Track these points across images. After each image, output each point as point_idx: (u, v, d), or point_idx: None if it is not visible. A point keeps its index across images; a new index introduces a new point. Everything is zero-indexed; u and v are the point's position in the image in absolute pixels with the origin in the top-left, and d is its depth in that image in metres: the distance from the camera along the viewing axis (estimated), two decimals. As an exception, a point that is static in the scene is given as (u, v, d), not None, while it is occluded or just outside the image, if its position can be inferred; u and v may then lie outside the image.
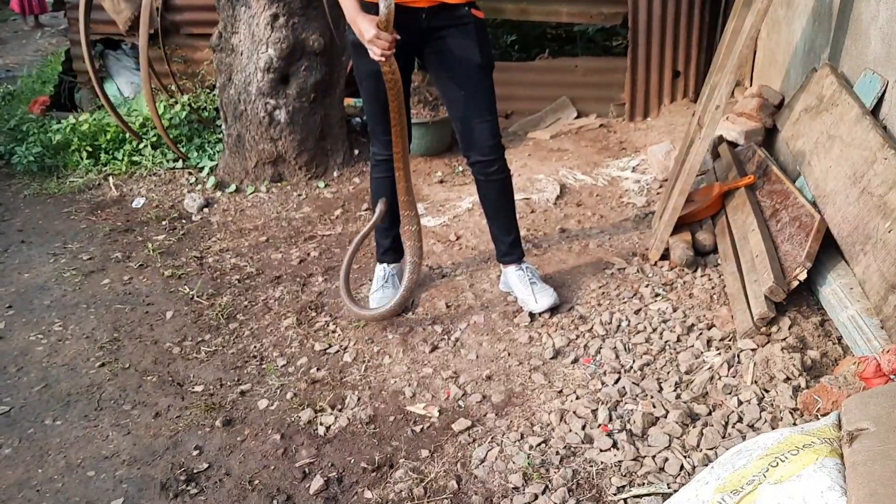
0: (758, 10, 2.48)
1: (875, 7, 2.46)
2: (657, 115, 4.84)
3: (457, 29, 2.37)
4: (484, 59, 2.41)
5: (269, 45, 3.77)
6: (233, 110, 3.94)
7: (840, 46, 2.74)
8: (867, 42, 2.51)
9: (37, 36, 9.51)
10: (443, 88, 2.51)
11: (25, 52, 8.57)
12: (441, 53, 2.40)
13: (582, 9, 4.81)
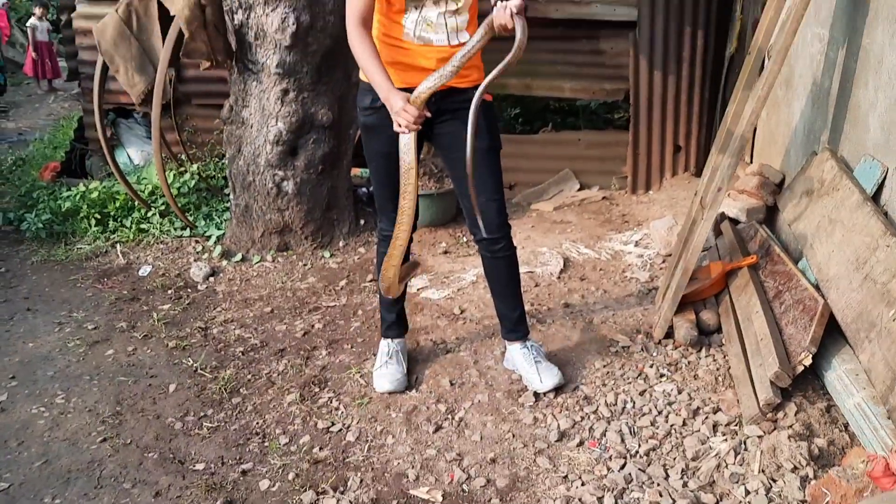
0: (758, 96, 2.55)
1: (873, 95, 2.52)
2: (659, 188, 4.90)
3: (465, 111, 2.42)
4: (491, 140, 2.46)
5: (278, 118, 3.85)
6: (241, 181, 4.00)
7: (839, 131, 2.80)
8: (866, 128, 2.57)
9: (50, 100, 9.71)
10: (451, 167, 2.56)
11: (38, 116, 8.74)
12: (450, 135, 2.45)
13: (584, 84, 4.92)
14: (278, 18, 3.67)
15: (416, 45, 2.35)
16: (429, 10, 2.32)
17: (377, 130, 2.45)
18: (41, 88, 10.22)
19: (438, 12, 2.32)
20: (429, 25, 2.32)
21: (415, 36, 2.34)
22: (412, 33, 2.34)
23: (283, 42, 3.70)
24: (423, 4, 2.31)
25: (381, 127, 2.42)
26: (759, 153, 3.98)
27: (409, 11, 2.32)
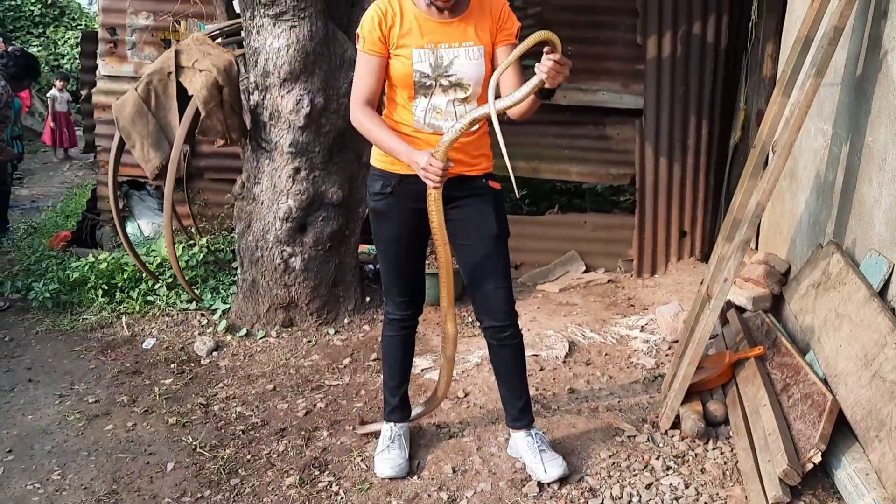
0: (763, 189, 2.58)
1: (878, 191, 2.56)
2: (665, 272, 4.92)
3: (474, 199, 2.47)
4: (500, 228, 2.49)
5: (289, 196, 3.90)
6: (249, 256, 4.03)
7: (844, 224, 2.82)
8: (871, 223, 2.59)
9: (64, 168, 9.88)
10: (459, 253, 2.58)
11: (52, 184, 8.88)
12: (459, 221, 2.48)
13: (591, 169, 5.00)
14: (293, 100, 3.76)
15: (425, 133, 2.40)
16: (438, 98, 2.37)
17: (386, 215, 2.49)
18: (57, 157, 10.41)
19: (448, 100, 2.38)
20: (438, 113, 2.38)
21: (425, 123, 2.39)
22: (422, 121, 2.40)
23: (296, 123, 3.79)
24: (433, 93, 2.37)
25: (391, 212, 2.46)
26: (765, 241, 4.01)
27: (419, 99, 2.38)
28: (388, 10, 2.33)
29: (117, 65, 4.94)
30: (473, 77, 2.35)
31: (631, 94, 4.86)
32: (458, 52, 2.34)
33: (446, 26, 2.34)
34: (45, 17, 14.61)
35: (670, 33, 4.66)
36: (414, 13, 2.34)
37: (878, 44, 2.60)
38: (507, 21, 2.39)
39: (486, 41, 2.37)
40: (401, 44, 2.33)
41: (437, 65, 2.34)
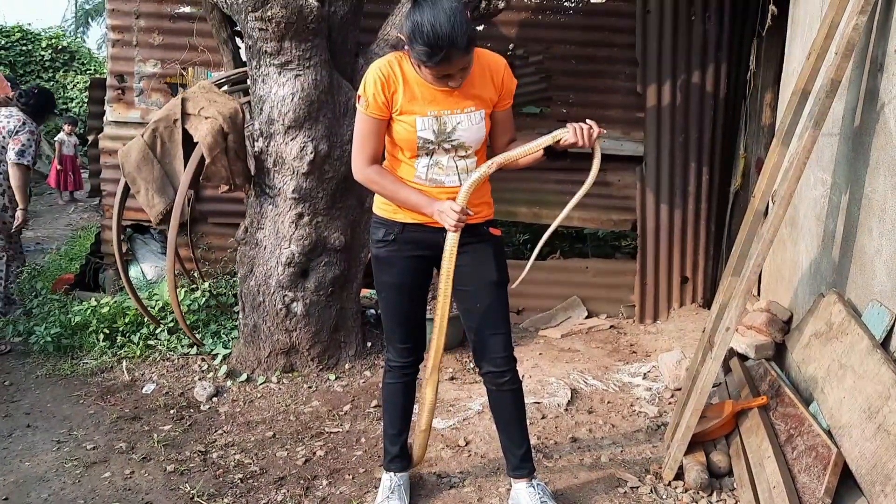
0: (763, 239, 2.59)
1: (878, 241, 2.56)
2: (667, 318, 4.91)
3: (475, 246, 2.48)
4: (499, 275, 2.50)
5: (292, 241, 3.92)
6: (251, 301, 4.04)
7: (845, 274, 2.82)
8: (872, 273, 2.59)
9: (70, 210, 9.95)
10: (459, 299, 2.58)
11: (57, 226, 8.93)
12: (459, 267, 2.48)
13: (593, 215, 5.03)
14: (297, 147, 3.81)
15: (426, 186, 2.42)
16: (440, 156, 2.40)
17: (388, 263, 2.50)
18: (62, 199, 10.49)
19: (449, 157, 2.41)
20: (440, 169, 2.40)
21: (426, 178, 2.42)
22: (424, 176, 2.42)
23: (300, 169, 3.83)
24: (435, 151, 2.40)
25: (393, 260, 2.47)
26: (767, 288, 4.01)
27: (421, 157, 2.41)
28: (390, 74, 2.31)
29: (124, 111, 5.00)
30: (475, 140, 2.39)
31: (631, 141, 4.91)
32: (461, 118, 2.36)
33: (448, 93, 2.34)
34: (55, 61, 14.86)
35: (670, 82, 4.73)
36: (415, 80, 2.32)
37: (874, 97, 2.63)
38: (508, 85, 2.43)
39: (487, 104, 2.40)
40: (404, 110, 2.34)
41: (441, 131, 2.36)
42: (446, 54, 2.13)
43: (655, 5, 4.67)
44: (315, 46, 3.74)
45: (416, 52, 2.17)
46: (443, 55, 2.13)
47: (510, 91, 2.44)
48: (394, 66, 2.33)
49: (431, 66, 2.17)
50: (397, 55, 2.37)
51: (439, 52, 2.12)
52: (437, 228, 2.42)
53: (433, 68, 2.18)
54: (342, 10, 3.90)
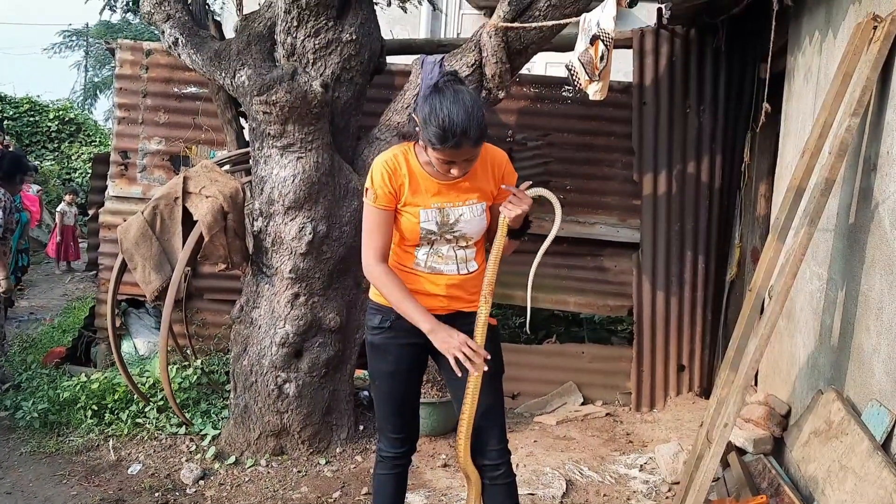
0: (760, 335, 2.58)
1: (875, 340, 2.56)
2: (663, 406, 4.85)
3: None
4: (494, 366, 2.46)
5: (287, 321, 3.90)
6: (244, 381, 3.99)
7: (844, 371, 2.81)
8: (871, 372, 2.58)
9: (66, 280, 9.92)
10: (453, 390, 2.55)
11: (52, 296, 8.89)
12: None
13: (589, 300, 5.03)
14: (296, 227, 3.83)
15: (425, 274, 2.43)
16: (441, 246, 2.43)
17: (384, 350, 2.48)
18: (59, 269, 10.49)
19: (449, 246, 2.43)
20: (440, 257, 2.42)
21: (426, 266, 2.44)
22: (423, 264, 2.44)
23: (298, 249, 3.84)
24: (436, 241, 2.42)
25: (388, 347, 2.46)
26: (764, 380, 3.97)
27: (422, 246, 2.43)
28: (396, 167, 2.37)
29: (126, 186, 5.05)
30: (476, 231, 2.43)
31: (628, 227, 4.95)
32: (463, 210, 2.41)
33: (450, 186, 2.39)
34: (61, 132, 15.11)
35: (666, 171, 4.80)
36: (420, 173, 2.38)
37: (868, 195, 2.67)
38: (509, 178, 2.47)
39: (488, 197, 2.44)
40: (410, 202, 2.38)
41: (443, 223, 2.40)
42: (457, 142, 2.18)
43: (651, 97, 4.78)
44: (318, 130, 3.81)
45: (427, 133, 2.22)
46: (453, 143, 2.18)
47: (511, 184, 2.48)
48: (399, 159, 2.39)
49: (439, 150, 2.22)
50: (403, 148, 2.43)
51: (451, 139, 2.18)
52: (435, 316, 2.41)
53: (441, 152, 2.23)
54: (346, 96, 3.99)
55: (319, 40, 3.84)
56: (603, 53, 2.49)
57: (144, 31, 19.66)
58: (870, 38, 2.63)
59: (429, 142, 2.23)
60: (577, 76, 2.77)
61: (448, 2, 9.19)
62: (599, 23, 2.50)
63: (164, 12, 4.49)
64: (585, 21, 2.70)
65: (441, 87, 2.24)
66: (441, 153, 2.23)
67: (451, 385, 2.53)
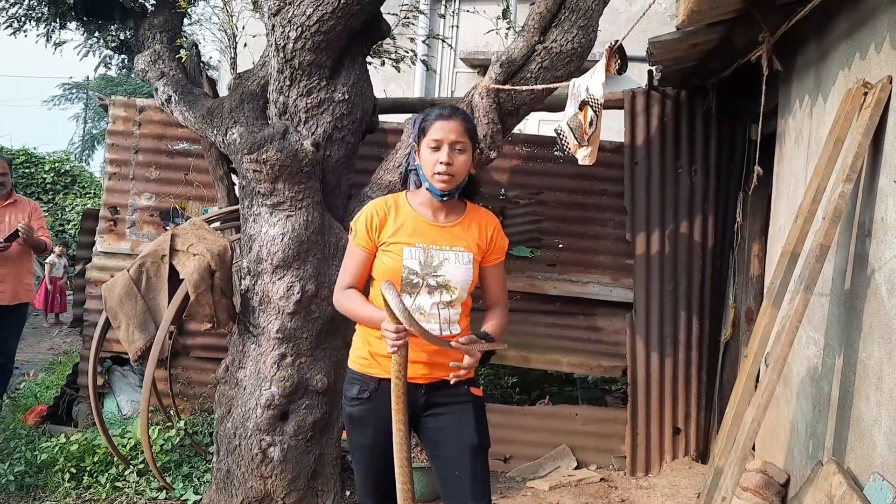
0: (758, 404, 2.51)
1: (876, 410, 2.49)
2: (659, 471, 4.73)
3: (454, 406, 2.40)
4: (480, 440, 2.39)
5: (273, 382, 3.81)
6: (227, 444, 3.87)
7: (844, 441, 2.73)
8: (872, 444, 2.50)
9: (53, 333, 9.79)
10: (436, 465, 2.46)
11: (39, 349, 8.75)
12: (437, 430, 2.40)
13: (582, 360, 4.95)
14: (284, 286, 3.76)
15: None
16: (423, 299, 2.36)
17: (363, 422, 2.40)
18: (47, 321, 10.37)
19: (432, 302, 2.37)
20: (422, 314, 2.36)
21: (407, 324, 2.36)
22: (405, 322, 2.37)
23: (286, 309, 3.77)
24: (419, 292, 2.36)
25: (367, 419, 2.38)
26: (761, 446, 3.87)
27: (404, 297, 2.37)
28: (383, 209, 2.42)
29: (114, 242, 5.00)
30: (460, 281, 2.37)
31: (621, 287, 4.91)
32: (448, 255, 2.37)
33: (439, 230, 2.41)
34: (56, 184, 15.10)
35: (658, 231, 4.78)
36: (410, 214, 2.42)
37: (864, 261, 2.63)
38: (497, 241, 2.48)
39: (476, 252, 2.42)
40: (392, 241, 2.38)
41: (427, 263, 2.36)
42: (447, 114, 2.36)
43: (643, 157, 4.79)
44: (308, 188, 3.78)
45: (423, 125, 2.38)
46: (446, 113, 2.36)
47: (500, 248, 2.46)
48: (388, 201, 2.46)
49: (431, 126, 2.34)
50: (396, 194, 2.52)
51: (442, 112, 2.37)
52: (414, 385, 2.34)
53: (432, 127, 2.34)
54: (337, 154, 3.97)
55: (311, 99, 3.84)
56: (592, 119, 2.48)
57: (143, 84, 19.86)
58: (861, 104, 2.62)
59: (423, 133, 2.36)
60: (566, 140, 2.75)
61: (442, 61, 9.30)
62: (588, 88, 2.50)
63: (158, 70, 4.52)
64: (574, 86, 2.69)
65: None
66: (433, 132, 2.34)
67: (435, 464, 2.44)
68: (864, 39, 2.79)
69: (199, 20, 4.75)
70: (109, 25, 4.99)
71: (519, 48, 3.68)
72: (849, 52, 2.95)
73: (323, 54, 3.74)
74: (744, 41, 3.68)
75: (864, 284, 2.64)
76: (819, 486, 2.70)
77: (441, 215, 2.42)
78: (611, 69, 2.33)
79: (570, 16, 3.62)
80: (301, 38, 3.67)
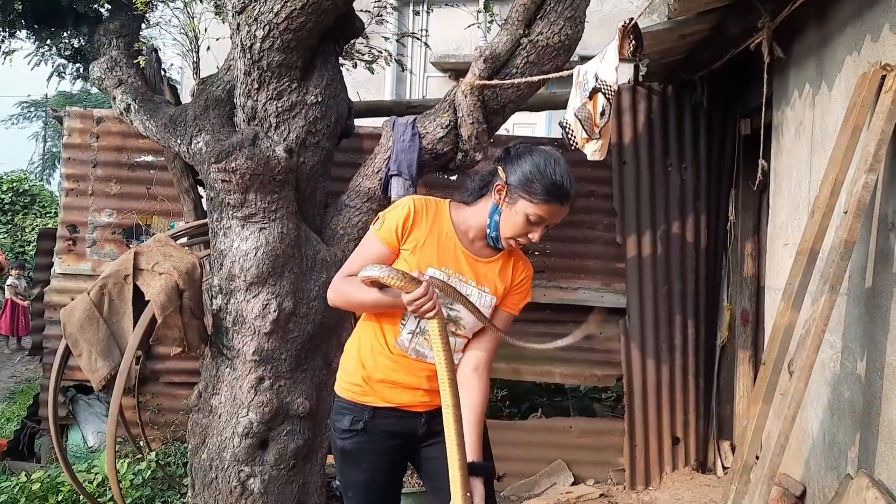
0: (785, 416, 2.31)
1: (909, 418, 2.30)
2: (659, 483, 4.53)
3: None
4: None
5: (250, 408, 3.53)
6: (202, 477, 3.59)
7: (872, 451, 2.53)
8: (907, 455, 2.31)
9: (16, 360, 9.40)
10: (436, 495, 2.22)
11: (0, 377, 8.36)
12: (436, 459, 2.16)
13: (575, 370, 4.74)
14: (260, 304, 3.50)
15: (407, 359, 2.13)
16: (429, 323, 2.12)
17: (357, 456, 2.15)
18: (9, 347, 9.96)
19: None
20: (426, 340, 2.13)
21: (409, 348, 2.13)
22: (406, 343, 2.14)
23: (262, 329, 3.50)
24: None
25: (362, 453, 2.13)
26: (771, 455, 3.68)
27: (408, 318, 2.13)
28: (422, 210, 2.13)
29: (74, 262, 4.69)
30: (472, 323, 2.14)
31: (612, 292, 4.71)
32: (472, 291, 2.14)
33: (471, 261, 2.15)
34: (15, 204, 14.61)
35: (649, 232, 4.59)
36: (449, 232, 2.14)
37: (888, 257, 2.45)
38: (522, 288, 2.23)
39: (499, 295, 2.18)
40: (420, 251, 2.11)
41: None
42: (566, 200, 2.06)
43: (631, 156, 4.60)
44: (282, 198, 3.52)
45: (531, 188, 2.03)
46: (564, 200, 2.05)
47: (521, 299, 2.24)
48: (431, 205, 2.15)
49: (542, 205, 2.03)
50: (439, 199, 2.20)
51: (561, 195, 2.04)
52: (413, 413, 2.11)
53: (542, 207, 2.03)
54: (312, 161, 3.72)
55: (282, 103, 3.59)
56: (604, 108, 2.25)
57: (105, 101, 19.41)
58: (878, 88, 2.44)
59: (532, 195, 2.02)
60: (573, 134, 2.52)
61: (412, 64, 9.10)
62: (598, 74, 2.27)
63: (115, 77, 4.24)
64: (580, 74, 2.47)
65: (531, 147, 2.11)
66: (541, 209, 2.03)
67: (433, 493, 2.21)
68: (876, 20, 2.61)
69: (158, 23, 4.47)
70: (62, 33, 4.69)
71: (503, 42, 3.47)
72: (856, 35, 2.78)
73: (293, 54, 3.49)
74: (737, 30, 3.51)
75: (889, 282, 2.45)
76: (850, 501, 2.51)
77: (478, 246, 2.18)
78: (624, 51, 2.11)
79: (556, 6, 3.41)
80: (269, 37, 3.41)
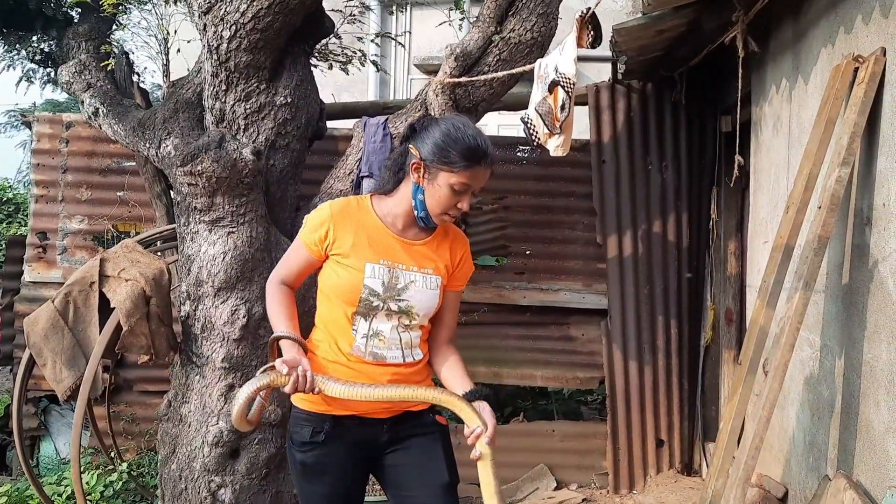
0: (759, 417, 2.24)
1: (889, 417, 2.23)
2: (643, 487, 4.46)
3: (420, 439, 2.10)
4: (450, 475, 2.11)
5: (220, 416, 3.45)
6: (172, 488, 3.50)
7: (851, 452, 2.47)
8: (886, 455, 2.24)
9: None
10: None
11: (-25, 389, 8.21)
12: (402, 466, 2.09)
13: (557, 373, 4.67)
14: (228, 310, 3.42)
15: (367, 364, 2.05)
16: (380, 323, 2.06)
17: (319, 469, 2.07)
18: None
19: (392, 326, 2.06)
20: (381, 341, 2.05)
21: (366, 352, 2.05)
22: (363, 348, 2.06)
23: (231, 335, 3.42)
24: (375, 315, 2.05)
25: (324, 466, 2.05)
26: (753, 457, 3.62)
27: (358, 321, 2.05)
28: (341, 212, 2.09)
29: (44, 270, 4.59)
30: (425, 307, 2.07)
31: (594, 293, 4.64)
32: (416, 277, 2.08)
33: (406, 247, 2.10)
34: (-4, 214, 14.45)
35: (630, 232, 4.52)
36: (375, 225, 2.09)
37: (864, 252, 2.38)
38: (465, 266, 2.19)
39: (444, 275, 2.13)
40: (352, 254, 2.05)
41: (391, 286, 2.05)
42: (487, 161, 2.04)
43: (611, 155, 4.53)
44: (250, 201, 3.44)
45: (448, 156, 1.97)
46: (488, 161, 2.04)
47: (465, 274, 2.19)
48: (351, 205, 2.12)
49: (464, 172, 1.98)
50: (359, 197, 2.18)
51: (482, 157, 2.01)
52: (376, 420, 2.04)
53: (464, 174, 1.98)
54: (282, 163, 3.65)
55: (251, 104, 3.51)
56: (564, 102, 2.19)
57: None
58: (851, 81, 2.38)
59: (450, 165, 1.97)
60: (535, 130, 2.45)
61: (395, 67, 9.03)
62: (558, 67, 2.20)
63: (83, 81, 4.16)
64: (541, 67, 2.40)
65: (434, 118, 2.14)
66: (463, 175, 1.98)
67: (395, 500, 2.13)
68: (849, 12, 2.55)
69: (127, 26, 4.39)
70: (31, 37, 4.61)
71: (474, 40, 3.40)
72: (831, 27, 2.72)
73: (261, 54, 3.42)
74: (713, 25, 3.45)
75: (865, 278, 2.39)
76: (828, 503, 2.44)
77: (411, 231, 2.12)
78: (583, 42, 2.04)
79: (528, 3, 3.34)
80: (236, 37, 3.34)
